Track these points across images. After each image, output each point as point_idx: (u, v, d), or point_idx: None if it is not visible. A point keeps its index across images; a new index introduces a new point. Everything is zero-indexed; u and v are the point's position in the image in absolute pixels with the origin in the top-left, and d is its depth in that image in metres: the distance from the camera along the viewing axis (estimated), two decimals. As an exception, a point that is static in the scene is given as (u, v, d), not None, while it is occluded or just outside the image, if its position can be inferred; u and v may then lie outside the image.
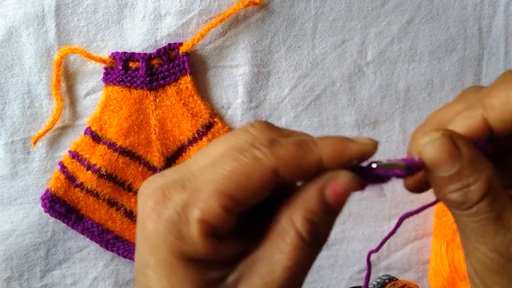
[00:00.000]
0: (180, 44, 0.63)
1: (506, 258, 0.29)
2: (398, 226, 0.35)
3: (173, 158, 0.65)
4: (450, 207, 0.30)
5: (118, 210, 0.66)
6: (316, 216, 0.28)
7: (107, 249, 0.66)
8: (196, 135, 0.65)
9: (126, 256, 0.66)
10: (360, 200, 0.69)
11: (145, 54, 0.63)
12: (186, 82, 0.64)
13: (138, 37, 0.63)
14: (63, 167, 0.64)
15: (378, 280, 0.66)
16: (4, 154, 0.64)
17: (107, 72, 0.64)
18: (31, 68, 0.63)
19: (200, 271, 0.28)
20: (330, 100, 0.67)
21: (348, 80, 0.67)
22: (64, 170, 0.64)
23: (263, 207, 0.30)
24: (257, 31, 0.64)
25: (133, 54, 0.63)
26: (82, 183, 0.64)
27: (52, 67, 0.63)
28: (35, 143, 0.64)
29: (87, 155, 0.64)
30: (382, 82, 0.67)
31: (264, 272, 0.28)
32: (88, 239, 0.66)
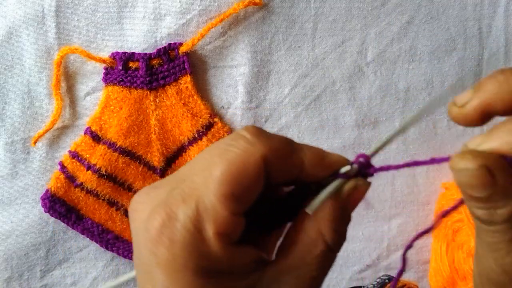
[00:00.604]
0: (180, 44, 0.63)
1: (510, 277, 0.29)
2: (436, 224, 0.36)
3: (173, 158, 0.65)
4: (473, 216, 0.31)
5: (118, 210, 0.66)
6: (342, 225, 0.30)
7: (107, 249, 0.66)
8: (196, 135, 0.65)
9: (126, 256, 0.66)
10: (360, 200, 0.69)
11: (145, 54, 0.63)
12: (186, 82, 0.64)
13: (138, 37, 0.63)
14: (63, 167, 0.64)
15: (378, 280, 0.66)
16: (4, 154, 0.64)
17: (107, 72, 0.64)
18: (31, 68, 0.63)
19: (228, 285, 0.28)
20: (330, 100, 0.67)
21: (348, 80, 0.67)
22: (64, 170, 0.64)
23: (264, 222, 0.31)
24: (257, 31, 0.64)
25: (133, 54, 0.63)
26: (82, 183, 0.64)
27: (52, 67, 0.63)
28: (35, 143, 0.64)
29: (87, 155, 0.64)
30: (382, 82, 0.67)
31: (293, 283, 0.29)
32: (88, 239, 0.66)
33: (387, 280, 0.65)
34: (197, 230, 0.26)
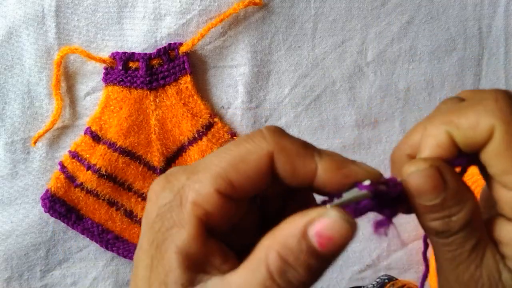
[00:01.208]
0: (180, 44, 0.63)
1: None
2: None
3: (173, 158, 0.65)
4: (429, 234, 0.30)
5: (118, 210, 0.66)
6: (294, 256, 0.25)
7: (107, 249, 0.66)
8: (196, 135, 0.65)
9: (126, 256, 0.66)
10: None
11: (145, 54, 0.63)
12: (186, 82, 0.64)
13: (138, 37, 0.63)
14: (63, 167, 0.64)
15: (378, 280, 0.66)
16: (4, 154, 0.64)
17: (107, 72, 0.64)
18: (31, 68, 0.63)
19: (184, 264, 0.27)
20: (330, 100, 0.67)
21: (348, 80, 0.67)
22: (64, 170, 0.64)
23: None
24: (257, 31, 0.64)
25: (133, 54, 0.63)
26: (82, 183, 0.64)
27: (52, 67, 0.63)
28: (35, 143, 0.64)
29: (87, 155, 0.64)
30: (382, 82, 0.67)
31: None
32: (88, 239, 0.66)
33: (387, 280, 0.65)
34: (179, 194, 0.27)
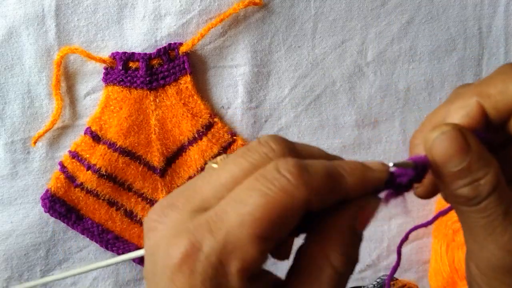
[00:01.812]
0: (180, 44, 0.63)
1: None
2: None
3: (173, 158, 0.65)
4: (459, 204, 0.30)
5: (118, 210, 0.66)
6: (350, 247, 0.29)
7: (107, 249, 0.66)
8: (196, 135, 0.65)
9: (126, 256, 0.66)
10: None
11: (145, 54, 0.63)
12: (186, 82, 0.64)
13: (138, 37, 0.63)
14: (63, 167, 0.64)
15: (378, 280, 0.66)
16: (4, 154, 0.64)
17: (107, 72, 0.64)
18: (31, 68, 0.63)
19: None
20: (330, 100, 0.67)
21: (348, 80, 0.67)
22: (64, 170, 0.64)
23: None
24: (257, 31, 0.64)
25: (133, 54, 0.63)
26: (82, 183, 0.64)
27: (52, 67, 0.63)
28: (35, 143, 0.64)
29: (87, 155, 0.64)
30: (382, 82, 0.67)
31: None
32: (88, 239, 0.66)
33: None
34: (220, 264, 0.26)
